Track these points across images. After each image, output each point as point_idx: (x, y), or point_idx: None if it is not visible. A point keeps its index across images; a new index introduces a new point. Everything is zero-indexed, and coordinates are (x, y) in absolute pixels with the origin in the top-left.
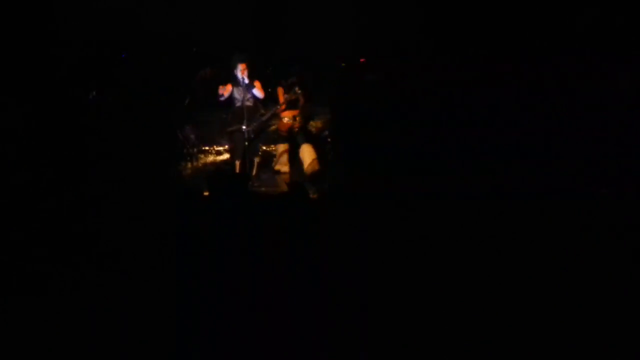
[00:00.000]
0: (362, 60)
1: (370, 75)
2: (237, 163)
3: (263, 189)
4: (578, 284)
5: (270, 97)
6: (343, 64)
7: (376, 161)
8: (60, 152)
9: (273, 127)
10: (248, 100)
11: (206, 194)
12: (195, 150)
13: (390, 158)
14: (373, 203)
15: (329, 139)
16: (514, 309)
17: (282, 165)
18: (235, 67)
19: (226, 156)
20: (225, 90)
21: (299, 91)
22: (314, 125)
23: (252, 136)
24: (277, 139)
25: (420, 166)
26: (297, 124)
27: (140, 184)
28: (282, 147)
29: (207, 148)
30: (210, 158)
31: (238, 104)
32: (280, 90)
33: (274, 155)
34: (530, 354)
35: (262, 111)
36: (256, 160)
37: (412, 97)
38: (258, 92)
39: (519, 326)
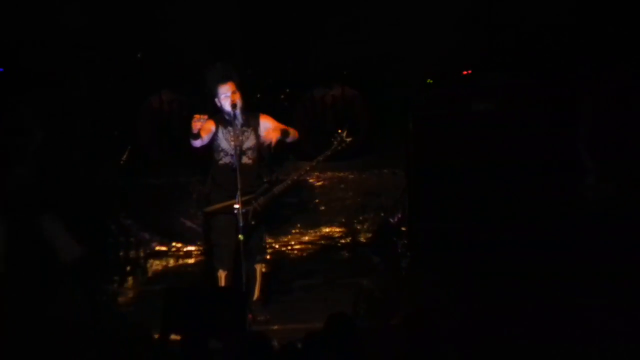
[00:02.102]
0: (465, 72)
1: (481, 101)
2: (223, 275)
3: (275, 326)
4: None
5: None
6: (429, 81)
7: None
8: None
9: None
10: (247, 153)
11: (157, 337)
12: (141, 251)
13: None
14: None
15: (403, 229)
16: None
17: None
18: (215, 92)
19: (201, 262)
20: (204, 129)
21: (348, 138)
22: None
23: (253, 222)
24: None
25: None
26: None
27: (38, 322)
28: None
29: (163, 248)
30: (171, 264)
31: (225, 159)
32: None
33: (296, 257)
34: None
35: (269, 177)
36: (259, 269)
37: (555, 141)
38: (274, 138)
39: None
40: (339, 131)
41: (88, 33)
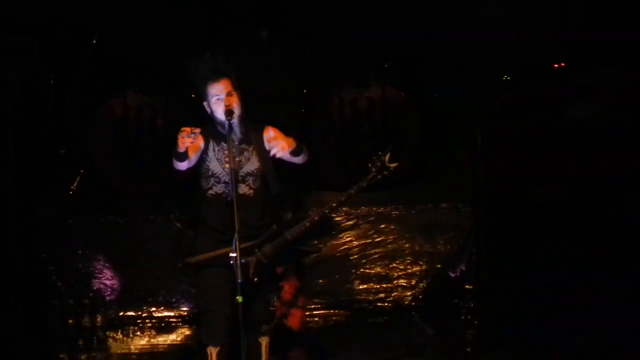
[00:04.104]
0: (557, 66)
1: (581, 107)
2: (214, 353)
3: None
4: None
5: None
6: (506, 77)
7: None
8: None
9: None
10: (247, 180)
11: None
12: (99, 318)
13: None
14: None
15: (469, 287)
16: None
17: None
18: (203, 94)
19: (183, 334)
20: (192, 146)
21: (392, 164)
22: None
23: (257, 279)
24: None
25: None
26: None
27: None
28: None
29: (129, 313)
30: (140, 337)
31: (216, 188)
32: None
33: (317, 328)
34: None
35: (279, 215)
36: (265, 344)
37: None
38: (283, 149)
39: None
40: (379, 153)
41: (19, 5)
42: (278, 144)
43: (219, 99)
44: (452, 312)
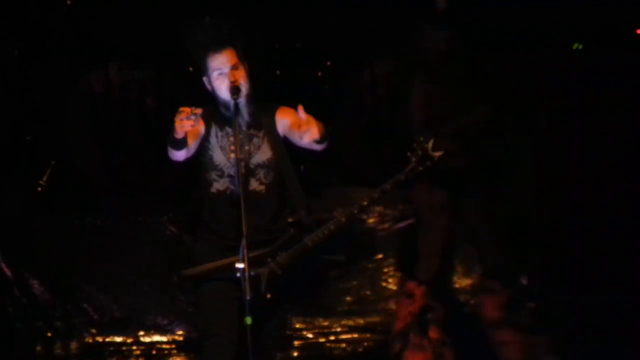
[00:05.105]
0: (639, 32)
1: None
2: None
3: None
4: None
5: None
6: (577, 46)
7: None
8: None
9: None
10: (257, 173)
11: None
12: (73, 344)
13: None
14: None
15: (531, 304)
16: None
17: None
18: (203, 68)
19: None
20: (191, 131)
21: (436, 152)
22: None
23: (270, 295)
24: None
25: None
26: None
27: None
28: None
29: (110, 339)
30: None
31: (220, 183)
32: None
33: (344, 355)
34: None
35: (296, 215)
36: None
37: None
38: (313, 136)
39: None
40: (420, 140)
41: None
42: (311, 130)
43: (222, 73)
44: None
